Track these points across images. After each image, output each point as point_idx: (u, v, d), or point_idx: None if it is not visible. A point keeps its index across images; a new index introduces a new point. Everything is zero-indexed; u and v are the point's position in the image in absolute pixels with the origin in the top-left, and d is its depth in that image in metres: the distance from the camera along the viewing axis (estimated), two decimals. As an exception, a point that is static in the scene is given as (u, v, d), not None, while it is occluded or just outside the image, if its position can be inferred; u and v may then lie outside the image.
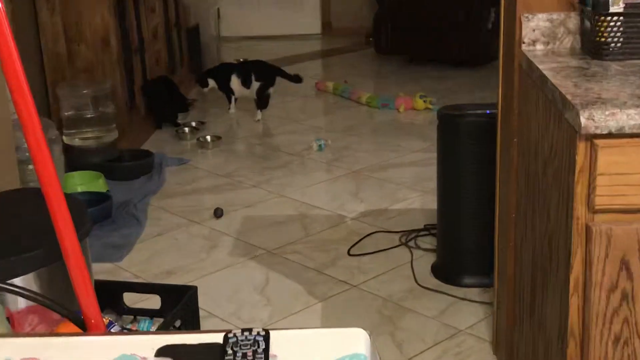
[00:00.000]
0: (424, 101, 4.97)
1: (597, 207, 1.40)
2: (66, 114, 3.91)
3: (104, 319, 1.62)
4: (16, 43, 1.11)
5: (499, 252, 2.22)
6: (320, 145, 4.28)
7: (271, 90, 4.90)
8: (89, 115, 3.91)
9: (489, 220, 2.37)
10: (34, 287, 1.63)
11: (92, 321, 1.20)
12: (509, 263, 2.07)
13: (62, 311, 1.25)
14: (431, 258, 2.94)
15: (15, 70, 1.10)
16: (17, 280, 1.61)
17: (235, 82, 4.91)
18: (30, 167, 3.33)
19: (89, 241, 1.86)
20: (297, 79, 4.97)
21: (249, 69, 4.89)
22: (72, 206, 1.35)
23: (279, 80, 4.91)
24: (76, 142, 3.91)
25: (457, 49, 5.87)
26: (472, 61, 5.91)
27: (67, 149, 3.86)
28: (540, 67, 1.70)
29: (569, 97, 1.45)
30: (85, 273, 1.20)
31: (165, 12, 5.08)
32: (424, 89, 5.33)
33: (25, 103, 1.15)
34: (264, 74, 4.87)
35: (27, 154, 3.32)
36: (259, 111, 4.91)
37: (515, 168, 1.99)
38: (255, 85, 4.85)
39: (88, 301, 1.19)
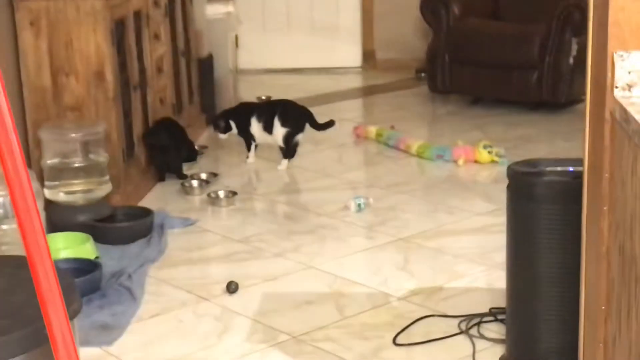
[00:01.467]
0: (489, 152, 4.98)
1: None
2: (49, 162, 3.98)
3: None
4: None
5: (585, 349, 2.20)
6: (359, 205, 4.31)
7: (300, 137, 4.96)
8: (76, 165, 3.98)
9: (572, 307, 2.35)
10: (10, 379, 1.66)
11: None
12: (598, 363, 2.06)
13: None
14: (499, 351, 2.92)
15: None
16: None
17: (255, 127, 4.98)
18: (5, 227, 3.39)
19: (76, 323, 1.89)
20: (327, 125, 5.02)
21: (272, 111, 4.96)
22: (59, 279, 1.37)
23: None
24: (60, 196, 3.97)
25: (531, 88, 5.90)
26: (550, 103, 5.93)
27: (49, 205, 3.92)
28: (639, 118, 1.71)
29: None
30: (76, 365, 1.22)
31: (172, 40, 5.19)
32: (489, 137, 5.35)
33: (9, 147, 1.18)
34: (292, 118, 4.93)
35: (1, 210, 3.39)
36: (284, 161, 4.96)
37: (606, 245, 1.98)
38: (280, 130, 4.91)
39: (79, 400, 1.21)
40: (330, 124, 5.04)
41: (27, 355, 1.68)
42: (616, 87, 1.90)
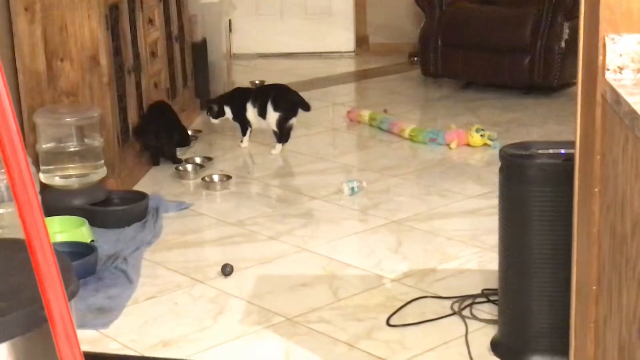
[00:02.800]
0: (482, 136, 4.99)
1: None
2: (44, 146, 3.98)
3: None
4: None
5: (576, 329, 2.22)
6: (352, 189, 4.32)
7: (293, 121, 4.96)
8: (72, 149, 3.98)
9: (563, 288, 2.37)
10: (8, 360, 1.66)
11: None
12: (589, 343, 2.07)
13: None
14: (491, 331, 2.94)
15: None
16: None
17: (250, 112, 4.98)
18: (1, 211, 3.39)
19: (74, 305, 1.90)
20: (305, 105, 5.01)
21: (265, 96, 4.96)
22: (57, 262, 1.38)
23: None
24: (56, 180, 3.97)
25: (523, 72, 5.91)
26: (542, 87, 5.94)
27: (45, 189, 3.92)
28: (630, 100, 1.72)
29: (665, 139, 1.47)
30: (75, 345, 1.23)
31: (166, 24, 5.18)
32: (481, 120, 5.36)
33: (8, 132, 1.19)
34: (284, 102, 4.93)
35: (-3, 194, 3.39)
36: (278, 145, 4.97)
37: (597, 226, 1.99)
38: (273, 115, 4.91)
39: (78, 380, 1.22)
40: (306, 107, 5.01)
41: (26, 336, 1.69)
42: (607, 70, 1.91)
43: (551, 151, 2.68)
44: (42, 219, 1.23)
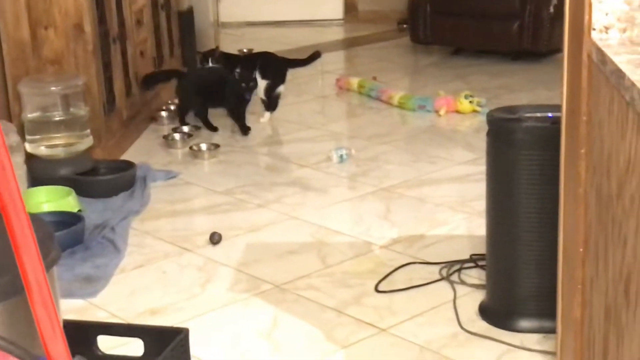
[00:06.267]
0: (470, 102, 4.98)
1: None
2: (29, 116, 3.95)
3: (74, 368, 1.63)
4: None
5: (563, 292, 2.21)
6: (341, 156, 4.30)
7: (282, 88, 4.94)
8: (57, 118, 3.95)
9: (550, 251, 2.36)
10: (-11, 328, 1.65)
11: (60, 370, 1.21)
12: (576, 305, 2.07)
13: (23, 356, 1.26)
14: (479, 296, 2.94)
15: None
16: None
17: None
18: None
19: (56, 272, 1.88)
20: (312, 57, 5.02)
21: (252, 64, 4.93)
22: (37, 229, 1.37)
23: (292, 72, 4.97)
24: (41, 150, 3.95)
25: (512, 38, 5.88)
26: (531, 53, 5.92)
27: (31, 159, 3.90)
28: (615, 59, 1.70)
29: (650, 97, 1.45)
30: (52, 311, 1.21)
31: (152, -8, 5.14)
32: (470, 87, 5.34)
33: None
34: (272, 70, 4.92)
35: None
36: (267, 113, 4.95)
37: (583, 188, 1.99)
38: (261, 83, 4.88)
39: (55, 345, 1.20)
40: (315, 56, 5.02)
41: (7, 302, 1.67)
42: (593, 30, 1.89)
43: (538, 115, 2.67)
44: (15, 182, 1.21)
